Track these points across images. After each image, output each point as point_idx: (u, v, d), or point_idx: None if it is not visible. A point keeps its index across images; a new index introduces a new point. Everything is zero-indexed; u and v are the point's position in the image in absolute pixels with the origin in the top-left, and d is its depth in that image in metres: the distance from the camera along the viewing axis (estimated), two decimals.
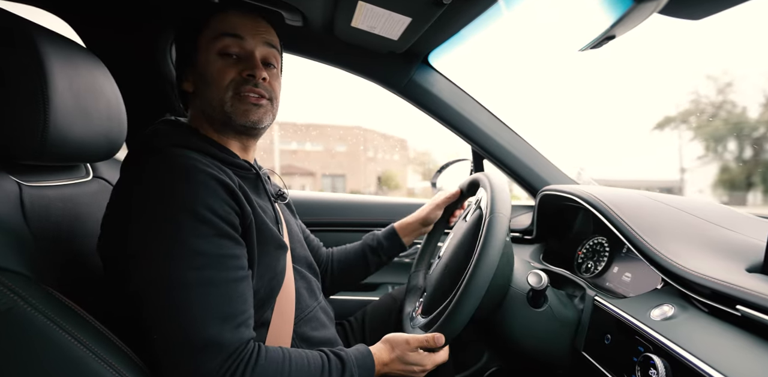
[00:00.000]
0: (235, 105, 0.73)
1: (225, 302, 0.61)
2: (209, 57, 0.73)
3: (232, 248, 0.64)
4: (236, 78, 0.73)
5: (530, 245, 1.21)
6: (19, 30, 0.63)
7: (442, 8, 0.85)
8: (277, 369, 0.63)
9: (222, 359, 0.58)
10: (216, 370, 0.57)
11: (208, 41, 0.74)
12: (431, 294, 0.89)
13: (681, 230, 0.81)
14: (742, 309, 0.56)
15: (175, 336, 0.58)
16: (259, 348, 0.63)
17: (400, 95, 1.29)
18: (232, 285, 0.62)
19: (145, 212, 0.61)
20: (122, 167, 0.70)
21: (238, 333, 0.60)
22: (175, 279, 0.58)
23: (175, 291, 0.58)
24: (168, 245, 0.59)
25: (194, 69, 0.75)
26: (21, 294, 0.52)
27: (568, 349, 0.85)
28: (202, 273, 0.60)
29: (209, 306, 0.59)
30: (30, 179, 0.69)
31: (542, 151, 1.39)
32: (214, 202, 0.63)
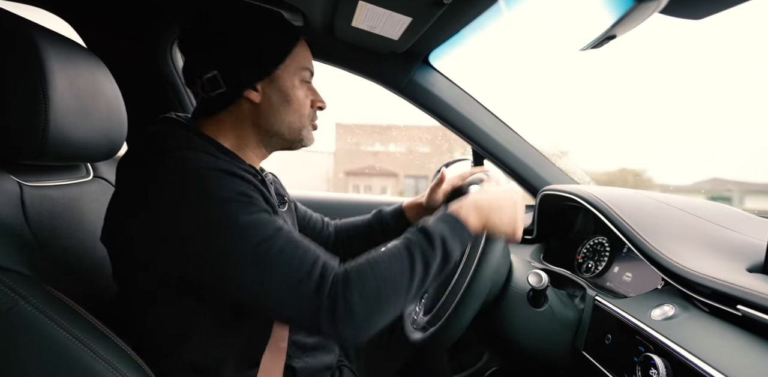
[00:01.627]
0: (309, 132, 0.82)
1: (298, 259, 0.62)
2: (294, 82, 0.77)
3: (277, 220, 0.66)
4: (310, 109, 0.81)
5: (530, 245, 1.21)
6: (19, 30, 0.63)
7: (443, 8, 0.85)
8: (367, 278, 0.63)
9: (320, 301, 0.60)
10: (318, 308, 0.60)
11: (294, 69, 0.77)
12: (433, 293, 0.89)
13: (681, 229, 0.81)
14: (743, 309, 0.56)
15: (274, 301, 0.61)
16: (346, 272, 0.63)
17: (401, 94, 1.29)
18: (295, 241, 0.64)
19: (182, 206, 0.61)
20: (126, 166, 0.69)
21: (323, 277, 0.61)
22: (247, 256, 0.60)
23: (252, 267, 0.60)
24: (220, 228, 0.61)
25: (272, 84, 0.76)
26: (22, 293, 0.52)
27: (569, 349, 0.85)
28: (266, 243, 0.61)
29: (290, 268, 0.61)
30: (31, 178, 0.69)
31: (542, 149, 1.39)
32: (248, 189, 0.66)
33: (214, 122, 0.76)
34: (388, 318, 0.66)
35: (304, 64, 0.79)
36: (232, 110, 0.76)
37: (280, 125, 0.77)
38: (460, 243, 0.69)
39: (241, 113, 0.76)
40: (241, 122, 0.77)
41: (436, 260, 0.66)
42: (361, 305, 0.61)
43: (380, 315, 0.64)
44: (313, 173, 15.68)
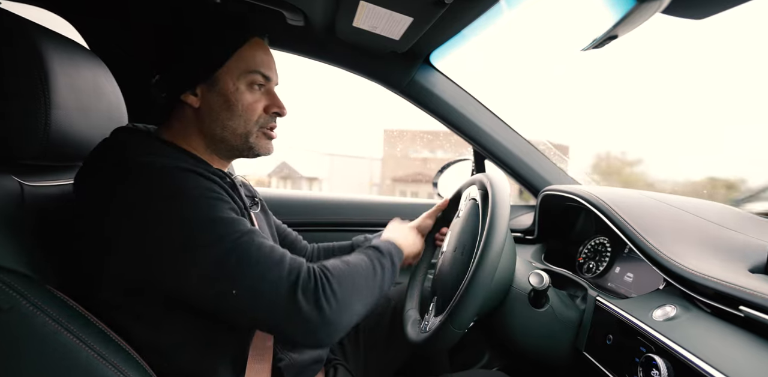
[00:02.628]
0: (260, 139, 0.77)
1: (271, 252, 0.63)
2: (238, 86, 0.73)
3: (245, 220, 0.66)
4: (262, 114, 0.76)
5: (532, 246, 1.20)
6: (20, 30, 0.63)
7: (444, 8, 0.85)
8: (343, 271, 0.68)
9: (297, 286, 0.61)
10: (301, 294, 0.61)
11: (238, 72, 0.73)
12: (442, 293, 0.89)
13: (683, 230, 0.81)
14: (745, 310, 0.56)
15: (256, 294, 0.60)
16: (322, 265, 0.67)
17: (402, 94, 1.29)
18: (264, 240, 0.65)
19: (152, 208, 0.60)
20: (87, 177, 0.66)
21: (295, 264, 0.64)
22: (220, 250, 0.60)
23: (226, 261, 0.60)
24: (191, 222, 0.60)
25: (212, 88, 0.73)
26: (23, 293, 0.52)
27: (570, 349, 0.84)
28: (239, 238, 0.62)
29: (267, 260, 0.62)
30: (31, 178, 0.69)
31: (543, 150, 1.39)
32: (215, 187, 0.66)
33: (167, 128, 0.75)
34: (362, 309, 0.69)
35: (255, 67, 0.74)
36: (178, 116, 0.75)
37: (222, 130, 0.74)
38: (398, 258, 0.82)
39: (185, 119, 0.74)
40: (187, 128, 0.75)
41: (387, 267, 0.77)
42: (340, 292, 0.64)
43: (356, 304, 0.67)
44: (359, 178, 15.62)
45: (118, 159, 0.64)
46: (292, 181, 17.80)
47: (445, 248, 1.00)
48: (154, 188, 0.61)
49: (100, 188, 0.63)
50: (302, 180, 17.81)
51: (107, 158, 0.66)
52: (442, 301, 0.85)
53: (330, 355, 0.97)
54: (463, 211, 0.96)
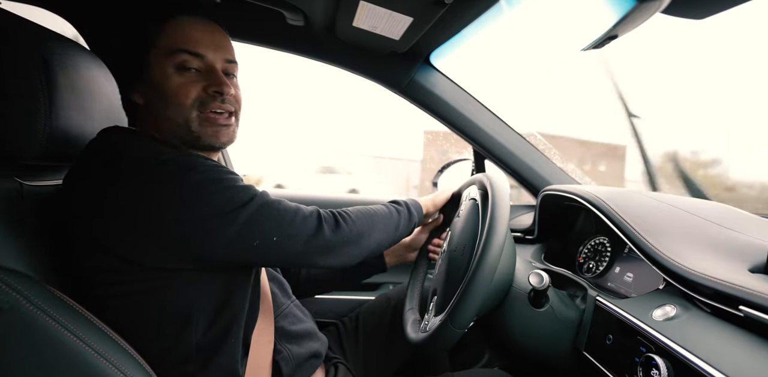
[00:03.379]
0: (203, 125, 0.72)
1: (283, 204, 0.71)
2: (165, 71, 0.69)
3: None
4: (200, 95, 0.70)
5: (531, 245, 1.20)
6: (21, 30, 0.63)
7: (444, 8, 0.85)
8: (359, 209, 0.82)
9: (321, 220, 0.73)
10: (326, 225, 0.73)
11: (162, 54, 0.69)
12: (442, 293, 0.89)
13: (683, 230, 0.81)
14: (745, 310, 0.56)
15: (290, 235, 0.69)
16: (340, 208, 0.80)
17: (402, 94, 1.28)
18: (273, 197, 0.72)
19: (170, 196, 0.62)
20: (80, 179, 0.66)
21: (309, 207, 0.75)
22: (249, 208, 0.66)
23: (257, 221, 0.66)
24: (212, 193, 0.64)
25: (145, 80, 0.70)
26: (23, 292, 0.52)
27: (570, 349, 0.84)
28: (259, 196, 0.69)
29: (284, 210, 0.70)
30: (31, 178, 0.69)
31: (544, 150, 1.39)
32: (217, 163, 0.69)
33: (146, 131, 0.74)
34: (381, 236, 0.83)
35: (178, 46, 0.69)
36: (140, 116, 0.75)
37: (167, 123, 0.71)
38: (416, 208, 0.95)
39: (143, 117, 0.74)
40: (148, 126, 0.74)
41: (403, 213, 0.90)
42: (356, 219, 0.78)
43: (373, 232, 0.80)
44: (397, 180, 15.55)
45: (112, 159, 0.65)
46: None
47: (446, 248, 1.00)
48: (162, 181, 0.63)
49: (100, 189, 0.63)
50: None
51: (100, 159, 0.66)
52: (442, 301, 0.85)
53: (330, 354, 0.97)
54: (463, 211, 0.96)
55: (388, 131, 4.96)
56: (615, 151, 15.44)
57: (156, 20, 0.70)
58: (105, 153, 0.67)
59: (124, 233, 0.62)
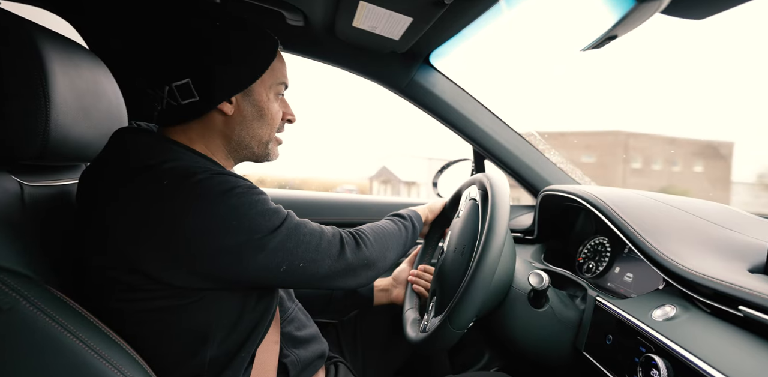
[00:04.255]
0: (273, 146, 0.82)
1: (310, 226, 0.74)
2: (269, 95, 0.77)
3: None
4: (280, 123, 0.82)
5: (531, 246, 1.20)
6: (20, 30, 0.63)
7: (444, 8, 0.85)
8: (374, 229, 0.85)
9: (343, 244, 0.76)
10: (348, 249, 0.76)
11: (270, 83, 0.76)
12: (442, 293, 0.89)
13: (682, 230, 0.81)
14: (744, 310, 0.56)
15: (315, 261, 0.71)
16: (356, 228, 0.82)
17: (402, 95, 1.29)
18: (299, 218, 0.74)
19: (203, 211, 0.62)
20: (106, 180, 0.66)
21: (334, 230, 0.77)
22: (281, 231, 0.69)
23: (285, 247, 0.68)
24: (245, 216, 0.65)
25: (247, 98, 0.74)
26: (23, 293, 0.52)
27: (570, 349, 0.84)
28: (289, 219, 0.71)
29: (311, 235, 0.72)
30: (31, 178, 0.69)
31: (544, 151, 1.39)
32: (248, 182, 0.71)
33: (181, 131, 0.74)
34: (394, 256, 0.87)
35: (281, 78, 0.78)
36: (202, 120, 0.74)
37: (250, 138, 0.77)
38: (418, 220, 0.99)
39: (211, 124, 0.74)
40: (210, 133, 0.75)
41: (409, 227, 0.93)
42: (374, 241, 0.81)
43: (388, 253, 0.84)
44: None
45: (143, 168, 0.64)
46: (392, 185, 17.63)
47: (445, 248, 1.00)
48: (198, 196, 0.62)
49: (132, 198, 0.62)
50: (401, 184, 17.70)
51: (129, 165, 0.66)
52: (442, 301, 0.85)
53: (330, 353, 0.97)
54: (463, 211, 0.96)
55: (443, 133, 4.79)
56: (716, 149, 13.13)
57: (275, 50, 0.77)
58: (134, 161, 0.66)
59: (152, 251, 0.62)
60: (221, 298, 0.69)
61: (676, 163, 12.63)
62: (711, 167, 12.56)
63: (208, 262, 0.63)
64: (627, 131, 14.63)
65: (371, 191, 10.47)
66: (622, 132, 13.83)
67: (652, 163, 6.56)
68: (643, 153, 10.60)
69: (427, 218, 1.06)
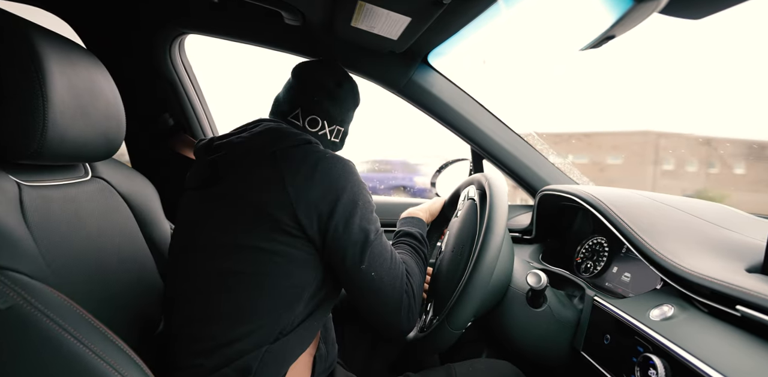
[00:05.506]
0: None
1: (393, 251, 0.80)
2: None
3: None
4: None
5: (529, 245, 1.21)
6: (18, 30, 0.63)
7: (442, 8, 0.85)
8: (414, 277, 0.83)
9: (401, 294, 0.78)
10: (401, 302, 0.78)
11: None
12: (440, 293, 0.89)
13: (680, 230, 0.81)
14: (742, 309, 0.56)
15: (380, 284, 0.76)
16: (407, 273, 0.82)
17: (400, 94, 1.29)
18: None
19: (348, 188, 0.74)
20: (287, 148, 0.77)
21: (406, 278, 0.80)
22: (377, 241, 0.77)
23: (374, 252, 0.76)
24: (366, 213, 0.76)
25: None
26: (21, 293, 0.52)
27: (568, 349, 0.85)
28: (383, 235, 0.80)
29: (392, 261, 0.78)
30: (29, 178, 0.68)
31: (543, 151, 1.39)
32: None
33: None
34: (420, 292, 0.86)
35: None
36: (308, 132, 0.89)
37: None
38: (424, 229, 1.01)
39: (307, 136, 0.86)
40: None
41: (426, 252, 0.94)
42: (417, 295, 0.81)
43: (420, 301, 0.84)
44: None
45: (307, 144, 0.79)
46: None
47: (444, 248, 1.00)
48: (350, 175, 0.76)
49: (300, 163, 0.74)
50: None
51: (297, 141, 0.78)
52: (440, 301, 0.85)
53: None
54: (461, 211, 0.96)
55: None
56: (761, 150, 12.11)
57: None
58: (300, 138, 0.79)
59: (309, 196, 0.72)
60: (318, 267, 0.76)
61: (713, 164, 11.96)
62: (755, 168, 11.64)
63: (335, 220, 0.72)
64: (657, 130, 14.01)
65: None
66: (652, 132, 13.21)
67: (686, 164, 6.28)
68: (676, 154, 9.94)
69: (428, 222, 1.07)
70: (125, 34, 1.23)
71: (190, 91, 1.37)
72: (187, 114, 1.36)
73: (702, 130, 19.70)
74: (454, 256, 0.88)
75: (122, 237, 0.84)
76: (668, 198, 0.96)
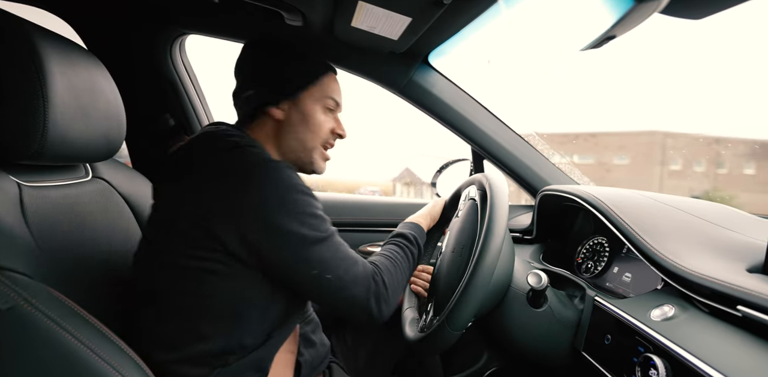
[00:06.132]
0: (318, 157, 0.90)
1: (348, 250, 0.77)
2: (315, 106, 0.87)
3: None
4: (327, 134, 0.90)
5: (530, 246, 1.21)
6: (18, 31, 0.63)
7: (442, 8, 0.85)
8: (390, 268, 0.83)
9: (369, 283, 0.76)
10: (369, 291, 0.76)
11: (318, 95, 0.87)
12: (440, 293, 0.89)
13: (681, 230, 0.81)
14: (743, 310, 0.56)
15: (341, 282, 0.73)
16: (375, 265, 0.81)
17: (400, 95, 1.29)
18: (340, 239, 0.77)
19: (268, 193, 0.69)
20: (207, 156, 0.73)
21: (368, 266, 0.79)
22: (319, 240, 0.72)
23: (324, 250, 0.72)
24: (296, 214, 0.70)
25: (295, 105, 0.86)
26: (21, 293, 0.52)
27: (568, 349, 0.84)
28: (333, 235, 0.75)
29: (348, 257, 0.75)
30: (29, 179, 0.69)
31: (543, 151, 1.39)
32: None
33: (251, 133, 0.85)
34: (402, 291, 0.85)
35: (330, 94, 0.88)
36: (260, 124, 0.86)
37: (295, 141, 0.86)
38: (422, 237, 0.98)
39: (266, 127, 0.86)
40: (266, 136, 0.86)
41: (415, 253, 0.92)
42: (392, 286, 0.80)
43: (399, 290, 0.83)
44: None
45: (231, 146, 0.73)
46: (415, 187, 17.51)
47: (444, 248, 1.00)
48: (269, 176, 0.69)
49: (218, 168, 0.70)
50: (424, 186, 17.66)
51: (220, 144, 0.74)
52: (440, 301, 0.85)
53: None
54: (462, 211, 0.96)
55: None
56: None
57: (326, 68, 0.90)
58: (228, 142, 0.74)
59: (224, 211, 0.68)
60: (260, 282, 0.72)
61: (721, 164, 12.06)
62: (765, 168, 11.53)
63: (258, 233, 0.68)
64: (664, 130, 13.68)
65: (394, 193, 10.41)
66: (659, 132, 12.98)
67: (694, 164, 6.09)
68: (683, 154, 9.66)
69: (428, 226, 1.06)
70: (126, 34, 1.23)
71: (191, 92, 1.37)
72: (187, 114, 1.36)
73: (710, 130, 19.13)
74: (455, 256, 0.88)
75: (123, 238, 0.84)
76: (669, 198, 0.96)
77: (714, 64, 36.60)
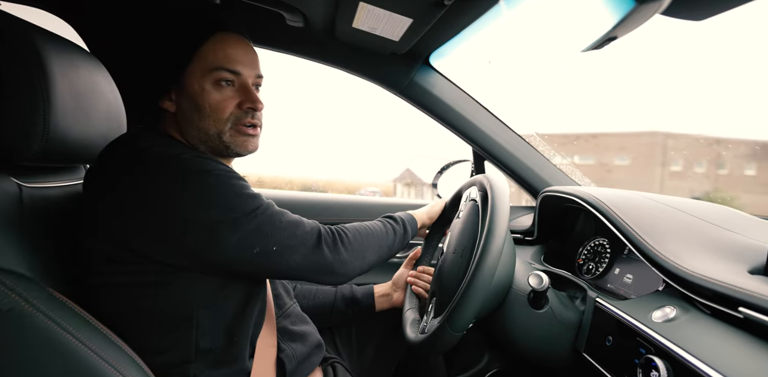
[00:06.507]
0: (234, 136, 0.76)
1: (288, 216, 0.73)
2: (203, 86, 0.72)
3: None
4: (235, 111, 0.75)
5: (531, 247, 1.20)
6: (19, 32, 0.63)
7: (443, 9, 0.85)
8: (358, 228, 0.83)
9: (318, 235, 0.74)
10: (321, 243, 0.74)
11: (200, 71, 0.72)
12: (441, 294, 0.89)
13: (682, 231, 0.81)
14: (744, 311, 0.56)
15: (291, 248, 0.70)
16: (341, 225, 0.81)
17: (401, 96, 1.29)
18: (279, 208, 0.74)
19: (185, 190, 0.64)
20: (105, 171, 0.68)
21: (313, 222, 0.76)
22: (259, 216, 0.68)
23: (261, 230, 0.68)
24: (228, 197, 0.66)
25: (181, 91, 0.74)
26: (22, 294, 0.52)
27: (569, 351, 0.84)
28: (270, 206, 0.71)
29: (288, 223, 0.72)
30: (30, 180, 0.69)
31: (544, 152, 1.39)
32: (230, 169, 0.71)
33: (164, 126, 0.78)
34: (373, 258, 0.84)
35: (217, 64, 0.72)
36: (163, 121, 0.77)
37: (197, 132, 0.75)
38: (412, 224, 0.97)
39: (169, 123, 0.77)
40: (174, 131, 0.77)
41: (399, 231, 0.92)
42: (356, 241, 0.79)
43: (367, 253, 0.82)
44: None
45: (134, 151, 0.67)
46: (416, 188, 17.50)
47: (445, 249, 1.00)
48: (182, 172, 0.64)
49: (125, 178, 0.65)
50: (425, 187, 17.62)
51: (123, 152, 0.68)
52: (441, 303, 0.85)
53: (327, 354, 0.97)
54: (463, 212, 0.96)
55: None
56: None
57: (198, 37, 0.73)
58: (127, 147, 0.69)
59: (133, 222, 0.63)
60: (200, 281, 0.69)
61: (722, 165, 11.84)
62: (766, 169, 11.50)
63: (182, 236, 0.63)
64: (665, 131, 13.59)
65: (395, 194, 10.44)
66: (660, 133, 12.95)
67: (695, 165, 6.06)
68: (684, 155, 9.65)
69: (424, 223, 1.05)
70: (126, 35, 1.23)
71: None
72: None
73: (711, 130, 19.18)
74: (456, 257, 0.88)
75: None
76: (670, 200, 0.95)
77: (715, 65, 36.73)
